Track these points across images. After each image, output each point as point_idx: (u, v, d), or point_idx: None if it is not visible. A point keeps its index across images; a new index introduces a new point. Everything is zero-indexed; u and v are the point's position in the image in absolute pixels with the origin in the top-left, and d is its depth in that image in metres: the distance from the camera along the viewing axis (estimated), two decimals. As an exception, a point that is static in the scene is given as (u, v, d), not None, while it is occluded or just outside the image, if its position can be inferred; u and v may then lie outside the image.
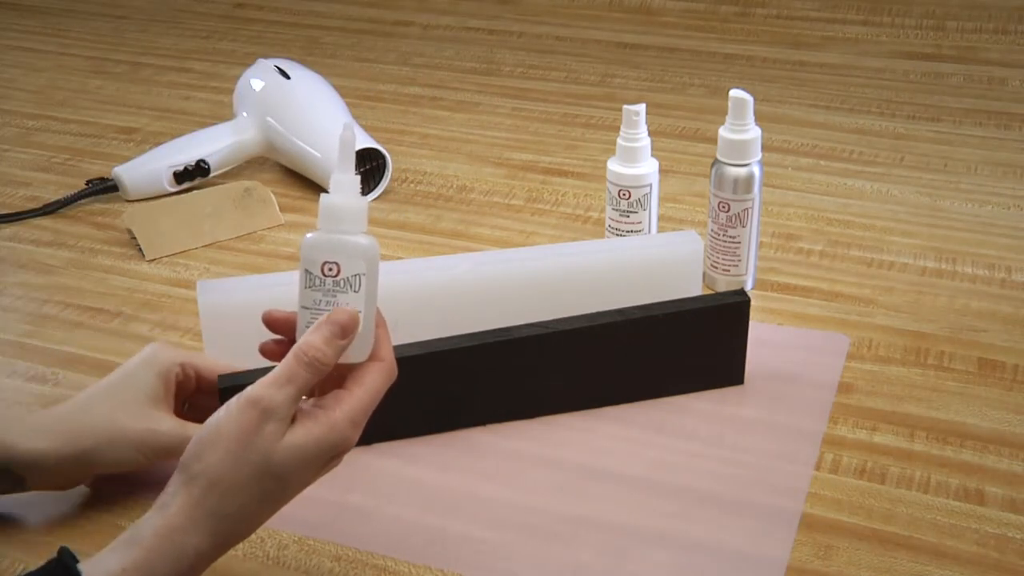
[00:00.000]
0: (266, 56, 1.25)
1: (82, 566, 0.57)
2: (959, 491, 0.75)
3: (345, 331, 0.59)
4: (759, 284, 0.98)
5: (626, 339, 0.79)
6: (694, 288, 0.88)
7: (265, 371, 0.60)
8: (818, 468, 0.77)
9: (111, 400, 0.71)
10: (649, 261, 0.86)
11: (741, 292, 0.81)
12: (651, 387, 0.82)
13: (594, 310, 0.79)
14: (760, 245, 1.02)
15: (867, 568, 0.69)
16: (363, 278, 0.59)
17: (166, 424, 0.71)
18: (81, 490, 0.75)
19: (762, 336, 0.90)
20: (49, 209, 1.14)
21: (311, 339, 0.59)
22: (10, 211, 1.14)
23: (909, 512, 0.73)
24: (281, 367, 0.59)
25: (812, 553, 0.70)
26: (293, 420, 0.59)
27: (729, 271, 0.96)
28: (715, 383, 0.83)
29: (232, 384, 0.73)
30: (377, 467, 0.78)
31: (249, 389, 0.58)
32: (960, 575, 0.68)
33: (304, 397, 0.61)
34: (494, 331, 0.77)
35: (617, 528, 0.72)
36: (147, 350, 0.74)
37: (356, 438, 0.60)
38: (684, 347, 0.81)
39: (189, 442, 0.64)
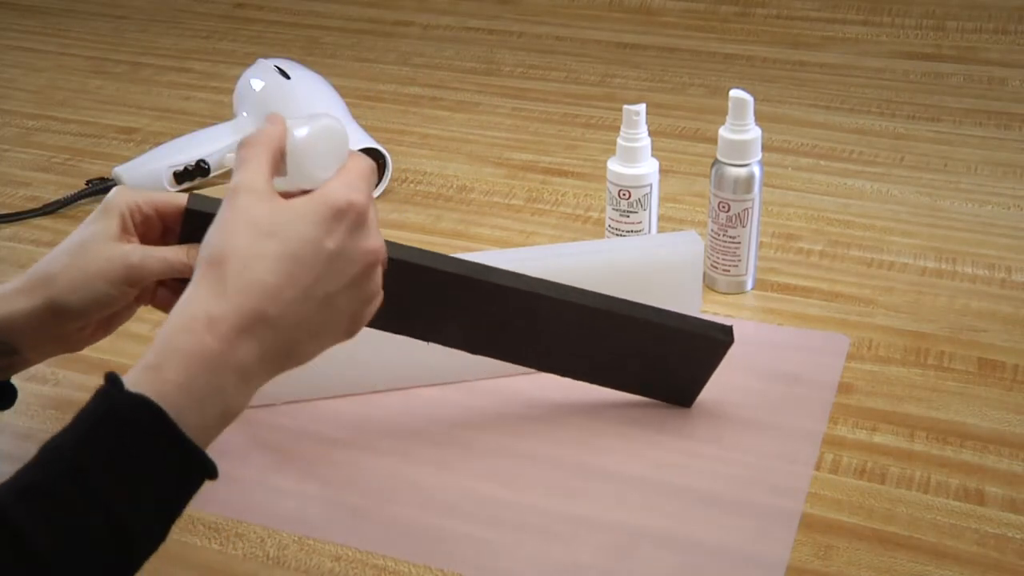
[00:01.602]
0: (266, 56, 1.25)
1: (125, 377, 0.56)
2: (959, 491, 0.75)
3: (273, 118, 0.63)
4: (759, 284, 0.98)
5: (598, 325, 0.77)
6: (694, 288, 0.88)
7: None
8: (818, 468, 0.77)
9: (72, 248, 0.69)
10: (649, 261, 0.86)
11: (729, 331, 0.77)
12: (603, 373, 0.81)
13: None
14: (760, 245, 1.02)
15: (867, 568, 0.69)
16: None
17: (126, 248, 0.69)
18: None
19: (762, 336, 0.90)
20: (49, 209, 1.14)
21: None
22: (10, 211, 1.14)
23: (909, 512, 0.73)
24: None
25: (812, 553, 0.70)
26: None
27: (729, 271, 0.96)
28: (664, 397, 0.83)
29: (200, 208, 0.68)
30: (376, 467, 0.78)
31: None
32: (960, 575, 0.68)
33: None
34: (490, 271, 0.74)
35: (617, 528, 0.72)
36: (106, 197, 0.71)
37: (361, 198, 0.60)
38: (650, 355, 0.79)
39: (156, 261, 0.67)
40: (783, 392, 0.84)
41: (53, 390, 0.87)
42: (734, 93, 0.92)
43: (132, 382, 0.55)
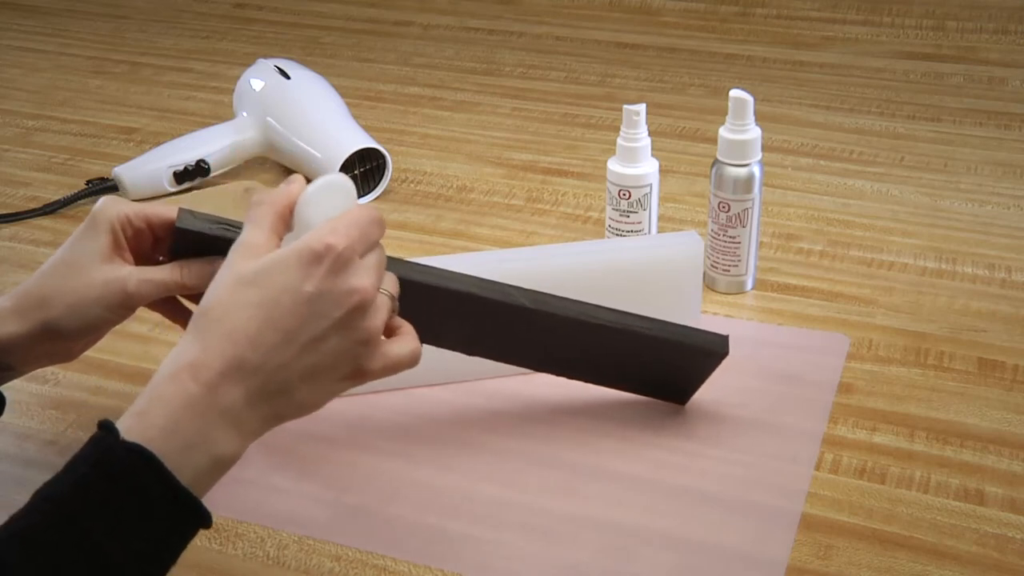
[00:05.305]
0: (266, 56, 1.25)
1: (119, 423, 0.57)
2: (959, 491, 0.75)
3: (292, 178, 0.65)
4: (759, 284, 0.98)
5: (596, 335, 0.77)
6: (694, 288, 0.88)
7: (221, 219, 0.69)
8: (818, 468, 0.77)
9: (64, 267, 0.70)
10: (649, 261, 0.86)
11: (724, 343, 0.77)
12: (600, 375, 0.82)
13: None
14: (760, 245, 1.02)
15: (867, 568, 0.69)
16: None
17: (123, 272, 0.69)
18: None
19: (762, 336, 0.90)
20: (49, 209, 1.14)
21: None
22: (10, 211, 1.14)
23: (909, 512, 0.73)
24: None
25: (812, 553, 0.70)
26: None
27: (729, 271, 0.96)
28: (659, 396, 0.83)
29: (188, 227, 0.69)
30: (377, 467, 0.78)
31: None
32: (960, 575, 0.68)
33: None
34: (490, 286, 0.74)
35: (617, 528, 0.72)
36: (93, 208, 0.71)
37: (340, 240, 0.59)
38: (646, 362, 0.79)
39: (152, 285, 0.67)
40: (783, 392, 0.84)
41: (53, 390, 0.87)
42: (734, 93, 0.92)
43: (121, 429, 0.56)
